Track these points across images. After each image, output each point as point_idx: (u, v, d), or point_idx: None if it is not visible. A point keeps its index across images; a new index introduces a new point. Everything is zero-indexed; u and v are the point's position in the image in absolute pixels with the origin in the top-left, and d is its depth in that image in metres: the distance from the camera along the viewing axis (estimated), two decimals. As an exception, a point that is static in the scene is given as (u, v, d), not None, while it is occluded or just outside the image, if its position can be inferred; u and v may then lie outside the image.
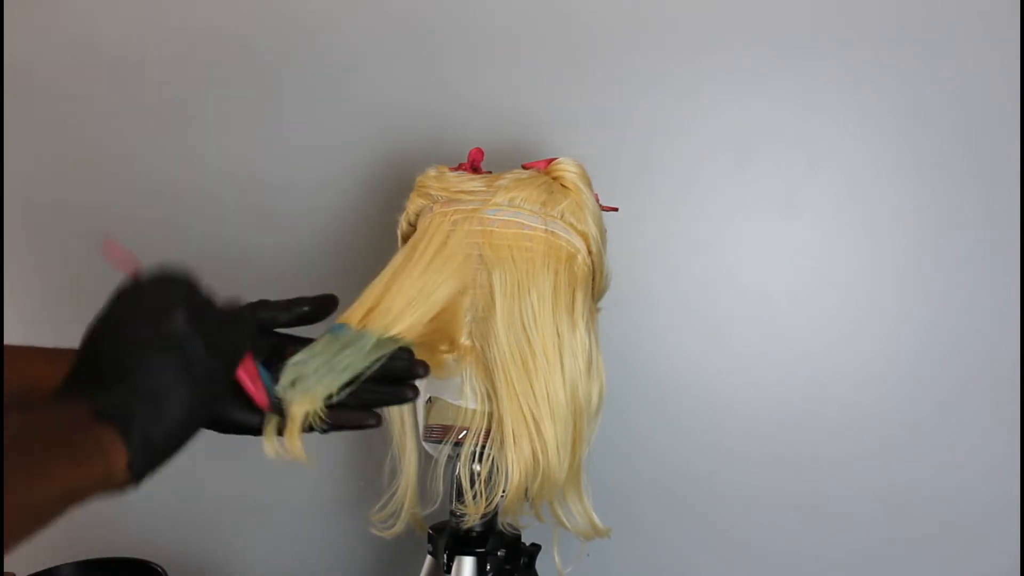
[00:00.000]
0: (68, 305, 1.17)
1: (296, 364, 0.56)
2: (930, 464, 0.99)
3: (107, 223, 1.18)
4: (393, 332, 0.61)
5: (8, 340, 0.55)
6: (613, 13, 1.03)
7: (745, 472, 1.04)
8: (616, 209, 0.79)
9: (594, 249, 0.73)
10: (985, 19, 0.95)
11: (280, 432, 0.55)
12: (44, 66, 1.18)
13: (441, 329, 0.67)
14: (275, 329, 0.60)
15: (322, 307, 0.60)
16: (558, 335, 0.68)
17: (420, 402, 0.73)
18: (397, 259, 0.70)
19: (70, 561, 0.99)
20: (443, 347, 0.68)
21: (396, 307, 0.63)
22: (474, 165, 0.75)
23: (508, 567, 0.77)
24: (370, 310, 0.64)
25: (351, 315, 0.63)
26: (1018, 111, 0.94)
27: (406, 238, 0.77)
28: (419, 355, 0.63)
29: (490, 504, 0.70)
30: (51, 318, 1.17)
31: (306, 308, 0.59)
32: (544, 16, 1.05)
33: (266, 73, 1.13)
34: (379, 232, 0.90)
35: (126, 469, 0.42)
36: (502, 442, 0.67)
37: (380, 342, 0.59)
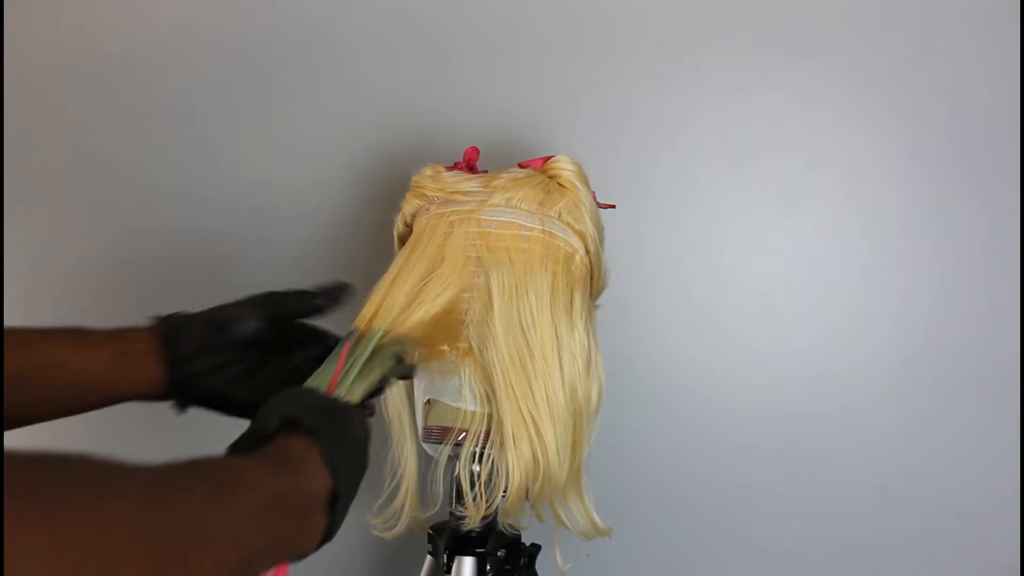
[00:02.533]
0: (67, 306, 1.17)
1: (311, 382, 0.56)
2: (931, 463, 0.99)
3: (104, 223, 1.18)
4: (394, 332, 0.62)
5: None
6: (614, 12, 1.03)
7: (745, 471, 1.04)
8: (613, 206, 0.79)
9: (592, 248, 0.73)
10: (985, 19, 0.95)
11: None
12: (43, 66, 1.18)
13: (444, 329, 0.67)
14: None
15: (334, 298, 0.62)
16: (556, 336, 0.68)
17: (419, 404, 0.73)
18: (398, 261, 0.70)
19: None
20: (444, 346, 0.68)
21: (397, 307, 0.64)
22: (470, 164, 0.75)
23: (508, 567, 0.77)
24: (375, 313, 0.64)
25: (360, 319, 0.64)
26: (1018, 111, 0.94)
27: (402, 239, 0.77)
28: (421, 353, 0.64)
29: (490, 506, 0.70)
30: (51, 319, 1.16)
31: (319, 301, 0.62)
32: (544, 14, 1.05)
33: (261, 72, 1.13)
34: (375, 232, 0.90)
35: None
36: (502, 444, 0.67)
37: (380, 345, 0.60)
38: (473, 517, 0.70)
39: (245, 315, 0.60)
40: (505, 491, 0.68)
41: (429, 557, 0.82)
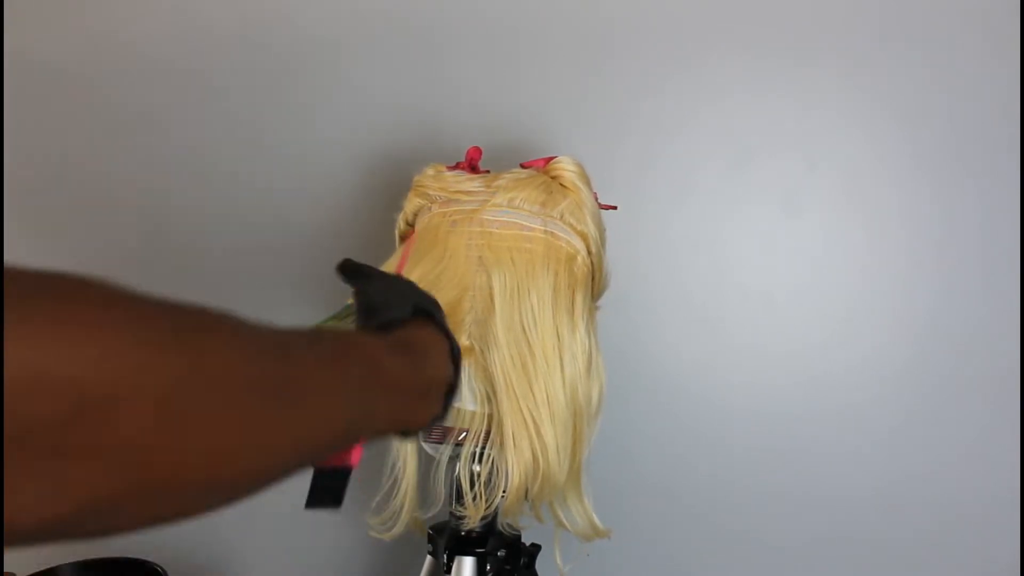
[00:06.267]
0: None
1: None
2: (931, 463, 0.99)
3: (104, 223, 1.18)
4: None
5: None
6: (614, 13, 1.03)
7: (745, 471, 1.04)
8: (615, 208, 0.79)
9: (593, 249, 0.72)
10: (985, 19, 0.95)
11: None
12: (43, 67, 1.18)
13: None
14: None
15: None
16: (558, 337, 0.68)
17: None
18: (398, 256, 0.70)
19: (70, 561, 0.99)
20: None
21: None
22: (472, 164, 0.75)
23: (508, 567, 0.77)
24: None
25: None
26: (1018, 111, 0.94)
27: (404, 238, 0.76)
28: None
29: (490, 506, 0.70)
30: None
31: None
32: (545, 15, 1.05)
33: (263, 74, 1.13)
34: (377, 231, 0.90)
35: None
36: (502, 444, 0.67)
37: None
38: (472, 517, 0.70)
39: None
40: (505, 491, 0.68)
41: (429, 557, 0.82)
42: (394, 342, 0.45)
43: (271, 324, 0.33)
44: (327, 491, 0.47)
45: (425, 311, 0.50)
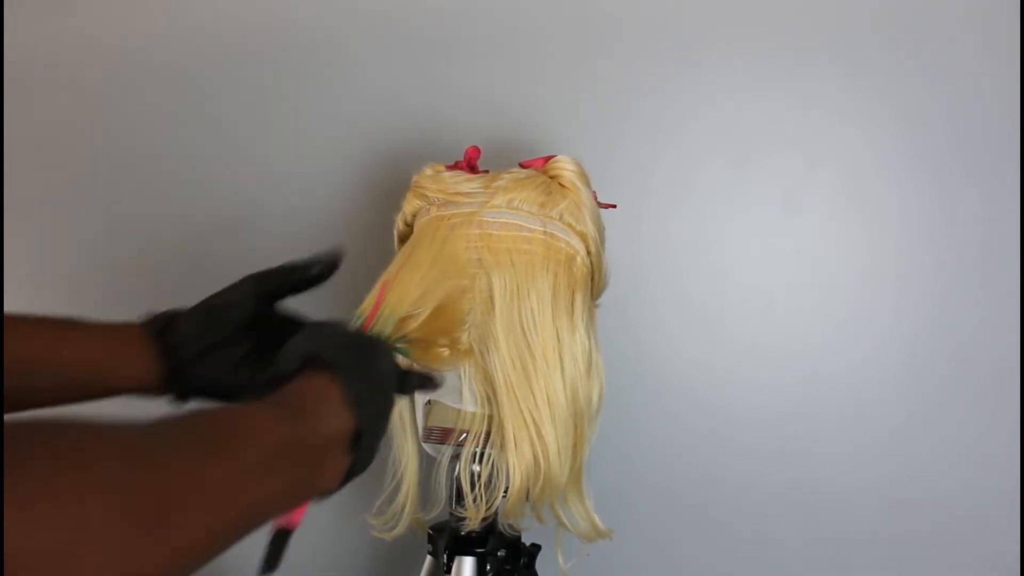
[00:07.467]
0: (70, 307, 1.17)
1: None
2: (930, 463, 0.99)
3: (103, 223, 1.17)
4: (394, 332, 0.61)
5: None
6: (614, 13, 1.03)
7: (746, 470, 1.04)
8: (614, 206, 0.79)
9: (593, 249, 0.72)
10: (984, 19, 0.95)
11: None
12: (42, 65, 1.18)
13: (442, 328, 0.67)
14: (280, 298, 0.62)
15: (330, 265, 0.62)
16: (558, 338, 0.68)
17: (420, 404, 0.73)
18: (398, 261, 0.70)
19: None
20: (443, 345, 0.67)
21: (398, 310, 0.63)
22: (471, 164, 0.74)
23: (508, 567, 0.77)
24: (374, 309, 0.64)
25: (360, 312, 0.63)
26: (1018, 110, 0.94)
27: (403, 238, 0.76)
28: (418, 351, 0.64)
29: (490, 508, 0.70)
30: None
31: (316, 270, 0.62)
32: (545, 15, 1.05)
33: (262, 73, 1.13)
34: (376, 231, 0.90)
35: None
36: (502, 445, 0.67)
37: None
38: (473, 518, 0.70)
39: (237, 296, 0.60)
40: (505, 492, 0.68)
41: (429, 557, 0.82)
42: (279, 405, 0.42)
43: (139, 423, 0.31)
44: (269, 554, 0.46)
45: (316, 358, 0.46)
